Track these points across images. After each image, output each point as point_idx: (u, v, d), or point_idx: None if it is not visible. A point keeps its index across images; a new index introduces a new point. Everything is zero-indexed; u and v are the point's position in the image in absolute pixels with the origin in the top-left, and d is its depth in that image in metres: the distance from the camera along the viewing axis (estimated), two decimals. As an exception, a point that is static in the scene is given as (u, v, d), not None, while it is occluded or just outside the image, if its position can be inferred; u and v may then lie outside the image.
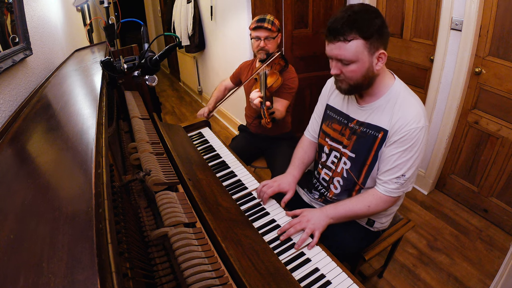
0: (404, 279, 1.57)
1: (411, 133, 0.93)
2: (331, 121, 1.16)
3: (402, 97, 0.97)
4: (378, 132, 1.00)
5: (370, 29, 0.86)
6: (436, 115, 1.97)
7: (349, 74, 0.93)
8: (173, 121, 3.74)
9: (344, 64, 0.92)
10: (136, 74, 1.15)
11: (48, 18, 1.46)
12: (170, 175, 0.87)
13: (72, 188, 0.48)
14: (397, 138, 0.95)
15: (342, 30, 0.87)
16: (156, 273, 0.65)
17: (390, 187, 0.99)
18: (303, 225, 0.98)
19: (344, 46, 0.89)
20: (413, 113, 0.93)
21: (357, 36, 0.87)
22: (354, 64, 0.91)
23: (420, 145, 0.94)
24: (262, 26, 1.51)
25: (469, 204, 2.01)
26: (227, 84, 1.87)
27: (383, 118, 0.99)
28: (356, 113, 1.07)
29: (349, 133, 1.08)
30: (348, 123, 1.09)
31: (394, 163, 0.97)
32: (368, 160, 1.03)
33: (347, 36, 0.87)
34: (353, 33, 0.86)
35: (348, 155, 1.08)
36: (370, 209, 1.01)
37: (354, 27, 0.86)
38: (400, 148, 0.95)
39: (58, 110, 0.80)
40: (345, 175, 1.11)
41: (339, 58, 0.92)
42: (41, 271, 0.33)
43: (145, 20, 5.73)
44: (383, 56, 0.92)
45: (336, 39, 0.89)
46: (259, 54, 1.58)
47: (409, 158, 0.95)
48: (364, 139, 1.03)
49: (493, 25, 1.59)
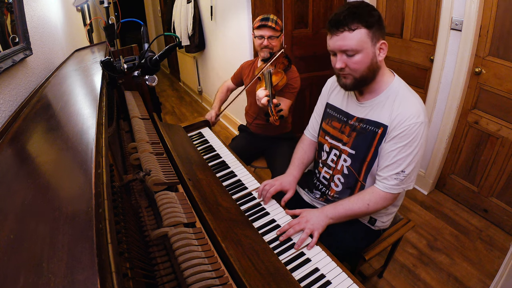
0: (404, 279, 1.57)
1: (411, 128, 0.93)
2: (330, 119, 1.16)
3: (401, 94, 0.98)
4: (377, 127, 1.00)
5: (371, 19, 0.89)
6: (436, 115, 1.97)
7: (354, 65, 0.94)
8: (173, 121, 3.74)
9: (349, 55, 0.93)
10: (136, 74, 1.15)
11: (48, 18, 1.46)
12: (170, 175, 0.87)
13: (72, 188, 0.48)
14: (396, 133, 0.95)
15: (345, 20, 0.89)
16: (158, 273, 0.65)
17: (389, 183, 0.99)
18: (302, 226, 0.98)
19: (349, 36, 0.90)
20: (413, 108, 0.94)
21: (360, 26, 0.89)
22: (359, 55, 0.92)
23: (420, 140, 0.95)
24: (266, 24, 1.52)
25: (469, 204, 2.01)
26: (229, 84, 1.87)
27: (382, 113, 0.99)
28: (356, 110, 1.07)
29: (349, 130, 1.08)
30: (348, 120, 1.09)
31: (394, 159, 0.97)
32: (368, 157, 1.03)
33: (351, 25, 0.89)
34: (355, 22, 0.89)
35: (348, 152, 1.08)
36: (370, 207, 1.01)
37: (356, 17, 0.89)
38: (400, 143, 0.95)
39: (58, 110, 0.80)
40: (346, 172, 1.11)
41: (344, 49, 0.93)
42: (41, 271, 0.33)
43: (145, 20, 5.73)
44: (384, 47, 0.94)
45: (340, 30, 0.91)
46: (263, 53, 1.58)
47: (409, 154, 0.95)
48: (364, 135, 1.04)
49: (493, 25, 1.59)
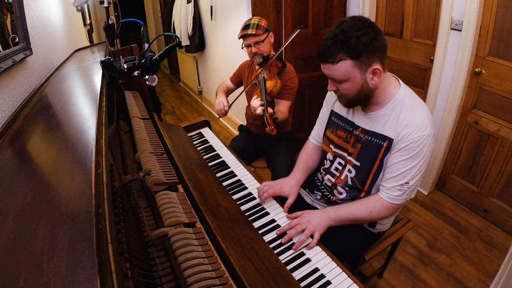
0: (404, 279, 1.57)
1: (416, 141, 0.92)
2: (336, 128, 1.15)
3: (407, 105, 0.96)
4: (383, 140, 0.99)
5: (357, 48, 0.85)
6: (436, 115, 1.97)
7: (344, 91, 0.96)
8: (173, 121, 3.74)
9: (338, 82, 0.94)
10: (136, 74, 1.14)
11: (48, 18, 1.46)
12: (170, 175, 0.87)
13: (72, 188, 0.48)
14: (402, 146, 0.94)
15: (330, 51, 0.88)
16: (156, 273, 0.65)
17: (393, 194, 0.98)
18: (303, 226, 0.97)
19: (333, 68, 0.90)
20: (419, 121, 0.92)
21: (344, 57, 0.87)
22: (347, 83, 0.92)
23: (425, 153, 0.93)
24: (247, 34, 1.50)
25: (469, 204, 2.01)
26: (228, 85, 1.87)
27: (388, 126, 0.98)
28: (361, 120, 1.05)
29: (354, 141, 1.07)
30: (353, 130, 1.08)
31: (399, 171, 0.96)
32: (373, 169, 1.02)
33: (334, 58, 0.88)
34: (340, 53, 0.87)
35: (353, 163, 1.07)
36: (372, 214, 1.01)
37: (341, 47, 0.86)
38: (405, 156, 0.94)
39: (58, 110, 0.80)
40: (350, 183, 1.10)
41: (331, 78, 0.94)
42: (41, 271, 0.33)
43: (145, 20, 5.73)
44: (378, 72, 0.91)
45: (325, 61, 0.91)
46: (256, 59, 1.58)
47: (414, 166, 0.94)
48: (369, 148, 1.02)
49: (493, 25, 1.59)
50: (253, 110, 1.32)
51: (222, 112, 1.59)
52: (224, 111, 1.59)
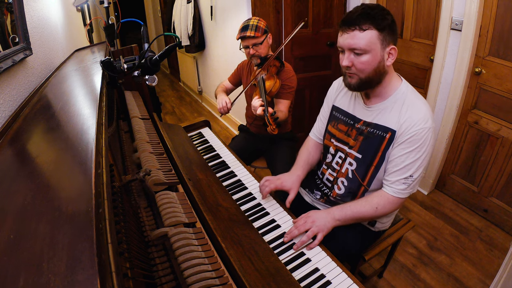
0: (404, 279, 1.57)
1: (419, 133, 0.93)
2: (337, 121, 1.15)
3: (409, 98, 0.98)
4: (385, 132, 1.00)
5: (384, 22, 0.89)
6: (436, 115, 1.97)
7: (361, 65, 0.93)
8: (173, 121, 3.74)
9: (357, 54, 0.93)
10: (136, 74, 1.14)
11: (48, 18, 1.46)
12: (170, 175, 0.87)
13: (72, 188, 0.48)
14: (405, 139, 0.95)
15: (358, 20, 0.90)
16: (156, 273, 0.65)
17: (398, 187, 0.99)
18: (307, 226, 0.97)
19: (358, 35, 0.90)
20: (421, 113, 0.94)
21: (372, 27, 0.89)
22: (367, 55, 0.92)
23: (428, 145, 0.95)
24: (245, 35, 1.49)
25: (469, 204, 2.01)
26: (227, 85, 1.87)
27: (390, 118, 0.99)
28: (363, 113, 1.06)
29: (356, 134, 1.07)
30: (354, 123, 1.08)
31: (403, 164, 0.97)
32: (375, 161, 1.03)
33: (362, 25, 0.89)
34: (367, 23, 0.89)
35: (355, 156, 1.08)
36: (378, 211, 1.01)
37: (369, 18, 0.89)
38: (409, 148, 0.95)
39: (58, 110, 0.80)
40: (350, 176, 1.10)
41: (353, 47, 0.92)
42: (41, 271, 0.33)
43: (145, 20, 5.73)
44: (394, 52, 0.93)
45: (350, 28, 0.91)
46: (253, 60, 1.58)
47: (417, 159, 0.95)
48: (371, 140, 1.03)
49: (493, 25, 1.59)
50: (254, 110, 1.33)
51: (225, 109, 1.59)
52: (227, 108, 1.59)
